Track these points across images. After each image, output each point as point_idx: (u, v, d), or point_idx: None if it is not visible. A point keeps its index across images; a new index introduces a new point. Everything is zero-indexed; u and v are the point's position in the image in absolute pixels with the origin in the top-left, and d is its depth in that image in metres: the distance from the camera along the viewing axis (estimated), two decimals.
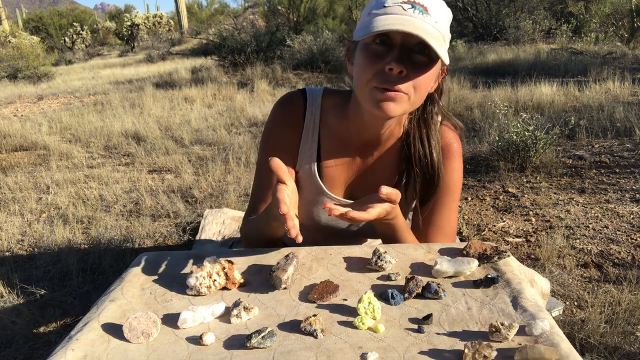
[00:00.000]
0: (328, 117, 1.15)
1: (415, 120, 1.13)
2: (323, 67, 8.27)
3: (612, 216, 2.65)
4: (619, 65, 6.71)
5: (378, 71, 0.94)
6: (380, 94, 0.95)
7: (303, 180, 1.18)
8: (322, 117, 1.15)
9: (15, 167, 4.11)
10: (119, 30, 22.87)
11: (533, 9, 11.15)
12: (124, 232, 2.77)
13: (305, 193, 1.19)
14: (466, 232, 2.61)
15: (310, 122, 1.14)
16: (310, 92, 1.17)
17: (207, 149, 4.35)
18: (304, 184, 1.18)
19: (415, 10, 0.91)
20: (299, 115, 1.15)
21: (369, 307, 0.78)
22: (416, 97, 0.98)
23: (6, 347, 1.84)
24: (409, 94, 0.96)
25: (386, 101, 0.95)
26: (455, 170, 1.16)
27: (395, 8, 0.92)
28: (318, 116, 1.15)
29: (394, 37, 0.93)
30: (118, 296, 0.87)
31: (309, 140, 1.15)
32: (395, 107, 0.96)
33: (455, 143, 1.16)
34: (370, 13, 0.95)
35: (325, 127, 1.15)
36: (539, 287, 1.04)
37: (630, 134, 3.83)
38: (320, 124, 1.15)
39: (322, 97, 1.16)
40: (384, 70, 0.93)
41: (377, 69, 0.94)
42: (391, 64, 0.92)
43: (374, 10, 0.95)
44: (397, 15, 0.91)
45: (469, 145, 3.89)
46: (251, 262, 0.99)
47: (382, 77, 0.94)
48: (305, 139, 1.15)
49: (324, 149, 1.15)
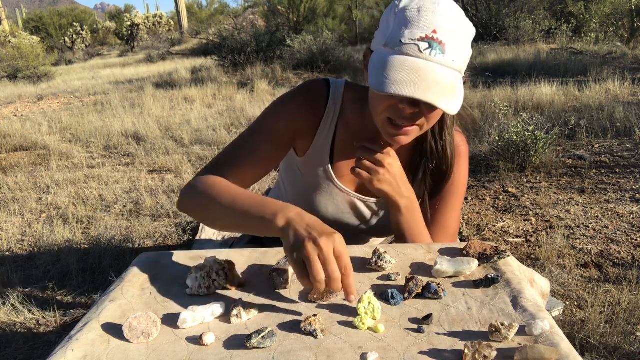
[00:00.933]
0: (347, 110, 1.15)
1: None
2: (323, 67, 8.27)
3: (612, 216, 2.65)
4: (619, 65, 6.71)
5: (391, 105, 0.95)
6: (393, 129, 0.98)
7: (311, 167, 1.18)
8: (342, 110, 1.15)
9: (15, 167, 4.11)
10: (119, 30, 22.88)
11: (533, 9, 11.14)
12: (124, 232, 2.77)
13: (312, 180, 1.18)
14: (466, 232, 2.61)
15: (331, 111, 1.15)
16: (333, 82, 1.17)
17: (207, 149, 4.35)
18: (311, 170, 1.18)
19: (432, 51, 0.88)
20: (321, 106, 1.15)
21: (369, 307, 0.78)
22: (428, 125, 1.00)
23: (6, 347, 1.84)
24: (421, 126, 0.98)
25: (398, 136, 0.99)
26: (462, 172, 1.19)
27: (412, 48, 0.89)
28: (339, 107, 1.15)
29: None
30: (118, 296, 0.87)
31: (325, 130, 1.15)
32: (407, 139, 1.00)
33: (463, 145, 1.19)
34: (387, 44, 0.92)
35: (344, 120, 1.16)
36: (539, 287, 1.04)
37: (630, 134, 3.83)
38: (339, 116, 1.16)
39: (345, 89, 1.17)
40: (398, 106, 0.94)
41: (391, 103, 0.95)
42: (404, 103, 0.93)
43: (390, 42, 0.91)
44: (412, 61, 0.88)
45: (469, 145, 3.88)
46: (251, 262, 0.99)
47: (396, 112, 0.95)
48: (323, 126, 1.15)
49: (338, 139, 1.16)
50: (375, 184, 1.05)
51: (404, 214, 1.09)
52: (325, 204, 1.20)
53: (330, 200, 1.19)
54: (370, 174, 1.04)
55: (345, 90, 1.16)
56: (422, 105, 0.94)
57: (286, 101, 1.14)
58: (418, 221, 1.12)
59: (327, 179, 1.17)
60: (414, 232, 1.11)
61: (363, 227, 1.24)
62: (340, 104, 1.15)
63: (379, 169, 1.04)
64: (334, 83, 1.17)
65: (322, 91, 1.15)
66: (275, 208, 0.87)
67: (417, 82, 0.87)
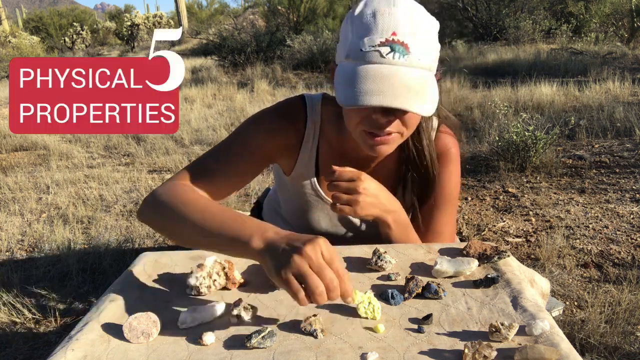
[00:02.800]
0: (327, 128, 1.13)
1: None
2: (323, 67, 8.27)
3: (612, 216, 2.65)
4: (619, 65, 6.71)
5: (365, 117, 0.92)
6: (371, 139, 0.94)
7: (299, 186, 1.16)
8: (322, 128, 1.12)
9: (15, 167, 4.11)
10: (119, 30, 22.85)
11: (533, 9, 11.14)
12: (124, 232, 2.77)
13: (302, 197, 1.18)
14: (466, 232, 2.61)
15: (311, 130, 1.12)
16: (309, 100, 1.13)
17: (207, 149, 4.32)
18: (299, 189, 1.17)
19: (396, 54, 0.85)
20: (300, 127, 1.12)
21: (369, 307, 0.78)
22: (409, 131, 0.97)
23: (6, 347, 1.84)
24: (401, 132, 0.95)
25: (378, 145, 0.95)
26: (452, 175, 1.15)
27: (374, 55, 0.86)
28: (318, 126, 1.12)
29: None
30: (118, 296, 0.87)
31: (308, 148, 1.12)
32: (388, 148, 0.97)
33: (453, 148, 1.15)
34: (348, 56, 0.89)
35: (324, 138, 1.13)
36: (539, 287, 1.04)
37: (630, 134, 3.83)
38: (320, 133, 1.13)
39: (321, 105, 1.13)
40: (371, 117, 0.91)
41: (363, 115, 0.92)
42: (377, 114, 0.90)
43: (352, 54, 0.89)
44: (375, 68, 0.85)
45: (469, 145, 3.89)
46: (251, 262, 0.99)
47: (370, 124, 0.92)
48: (305, 145, 1.12)
49: (322, 156, 1.14)
50: (359, 213, 0.99)
51: (393, 228, 1.06)
52: (317, 220, 1.19)
53: (323, 216, 1.18)
54: (350, 205, 0.98)
55: (322, 106, 1.12)
56: (396, 112, 0.90)
57: (264, 118, 1.11)
58: (409, 232, 1.09)
59: (316, 196, 1.16)
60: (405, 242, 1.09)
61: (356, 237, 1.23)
62: (319, 122, 1.12)
63: (357, 198, 0.97)
64: (310, 100, 1.13)
65: (299, 112, 1.11)
66: (252, 228, 0.79)
67: (384, 90, 0.84)
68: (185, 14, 20.86)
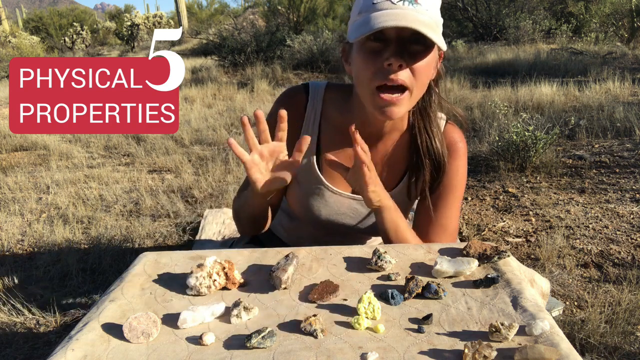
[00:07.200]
0: (330, 110, 1.15)
1: (417, 112, 1.14)
2: (323, 67, 8.26)
3: (612, 216, 2.65)
4: (619, 65, 6.70)
5: (378, 69, 0.96)
6: (381, 100, 0.97)
7: (301, 173, 1.18)
8: (324, 110, 1.15)
9: (15, 167, 4.11)
10: (119, 30, 22.85)
11: (533, 9, 11.14)
12: (124, 232, 2.77)
13: (304, 185, 1.18)
14: (466, 232, 2.61)
15: (311, 114, 1.15)
16: (313, 85, 1.18)
17: (207, 149, 4.35)
18: (301, 176, 1.18)
19: (405, 2, 0.93)
20: (300, 109, 1.15)
21: (369, 307, 0.78)
22: (417, 89, 0.99)
23: (6, 347, 1.84)
24: (410, 87, 0.97)
25: (388, 107, 0.98)
26: (459, 169, 1.17)
27: (385, 3, 0.93)
28: (320, 109, 1.15)
29: (389, 33, 0.94)
30: (118, 296, 0.87)
31: (308, 132, 1.15)
32: (398, 110, 0.99)
33: (461, 142, 1.17)
34: (361, 12, 0.96)
35: (327, 119, 1.15)
36: (539, 287, 1.04)
37: (630, 134, 3.83)
38: (321, 116, 1.15)
39: (325, 90, 1.17)
40: (384, 67, 0.95)
41: (377, 66, 0.96)
42: (390, 59, 0.93)
43: (363, 9, 0.96)
44: (388, 11, 0.92)
45: (469, 145, 3.88)
46: (251, 262, 0.99)
47: (384, 74, 0.95)
48: (304, 131, 1.15)
49: (324, 141, 1.15)
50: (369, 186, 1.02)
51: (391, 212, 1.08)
52: (317, 207, 1.19)
53: (323, 203, 1.19)
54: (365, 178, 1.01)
55: (326, 90, 1.17)
56: (406, 58, 0.94)
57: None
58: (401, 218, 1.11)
59: (316, 180, 1.17)
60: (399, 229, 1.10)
61: (360, 227, 1.24)
62: (321, 104, 1.15)
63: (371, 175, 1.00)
64: (314, 85, 1.18)
65: (299, 97, 1.16)
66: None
67: (399, 18, 0.90)
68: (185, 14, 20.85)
